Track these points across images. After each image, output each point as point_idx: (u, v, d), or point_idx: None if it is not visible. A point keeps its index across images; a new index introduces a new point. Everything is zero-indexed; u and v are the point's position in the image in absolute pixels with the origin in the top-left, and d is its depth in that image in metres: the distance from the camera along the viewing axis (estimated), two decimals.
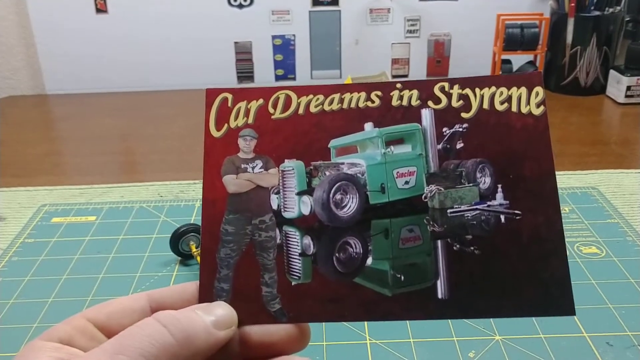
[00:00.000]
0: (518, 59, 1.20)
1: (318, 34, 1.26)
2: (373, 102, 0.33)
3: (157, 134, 1.05)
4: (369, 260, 0.32)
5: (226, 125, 0.34)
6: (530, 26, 1.17)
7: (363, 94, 0.33)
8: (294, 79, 1.29)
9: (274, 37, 1.26)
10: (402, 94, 0.33)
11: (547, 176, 0.31)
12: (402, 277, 0.32)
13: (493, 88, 0.32)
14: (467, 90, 0.32)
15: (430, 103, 0.32)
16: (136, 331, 0.28)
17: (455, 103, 0.32)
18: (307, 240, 0.33)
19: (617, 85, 1.11)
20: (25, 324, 0.55)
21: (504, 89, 0.32)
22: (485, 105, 0.32)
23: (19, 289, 0.60)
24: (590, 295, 0.57)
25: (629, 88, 1.09)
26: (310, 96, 0.33)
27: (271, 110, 0.34)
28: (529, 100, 0.32)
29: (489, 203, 0.31)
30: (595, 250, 0.64)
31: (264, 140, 0.34)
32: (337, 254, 0.33)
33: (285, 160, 0.33)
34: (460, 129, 0.32)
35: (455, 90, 0.32)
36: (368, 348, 0.51)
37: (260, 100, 0.34)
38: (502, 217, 0.31)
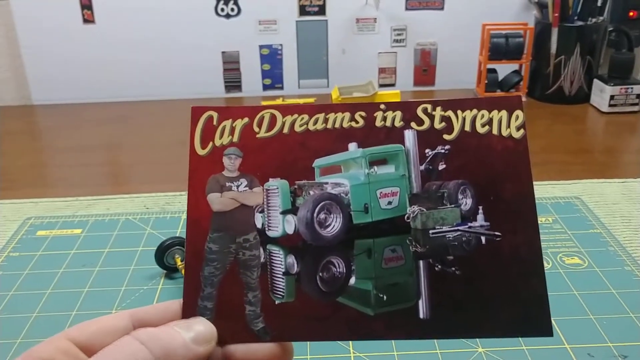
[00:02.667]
0: (503, 68, 1.21)
1: (305, 43, 1.27)
2: (357, 122, 0.33)
3: (144, 145, 1.05)
4: (352, 280, 0.33)
5: (211, 143, 0.34)
6: (515, 36, 1.19)
7: (347, 114, 0.33)
8: (282, 88, 1.29)
9: (261, 46, 1.27)
10: (385, 114, 0.33)
11: (527, 197, 0.31)
12: (385, 297, 0.32)
13: (475, 111, 0.32)
14: (450, 112, 0.33)
15: (413, 124, 0.33)
16: (115, 349, 0.28)
17: (437, 125, 0.33)
18: (291, 259, 0.33)
19: (601, 94, 1.12)
20: (9, 339, 0.55)
21: (485, 112, 0.32)
22: (467, 128, 0.32)
23: (3, 303, 0.60)
24: (572, 306, 0.57)
25: (612, 97, 1.10)
26: (295, 115, 0.34)
27: (256, 129, 0.34)
28: (509, 124, 0.32)
29: (470, 224, 0.32)
30: (577, 261, 0.65)
31: (249, 159, 0.34)
32: (320, 273, 0.33)
33: (270, 179, 0.34)
34: (443, 151, 0.33)
35: (438, 112, 0.33)
36: None
37: (246, 119, 0.34)
38: (483, 238, 0.32)
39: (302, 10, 1.25)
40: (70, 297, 0.61)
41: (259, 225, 0.34)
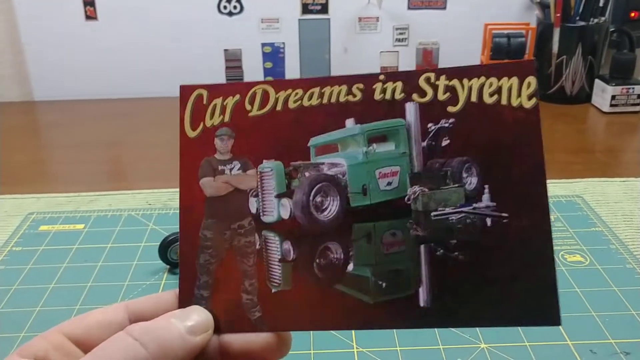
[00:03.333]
0: None
1: (307, 41, 1.27)
2: (355, 96, 0.31)
3: (146, 142, 1.05)
4: (350, 266, 0.31)
5: (202, 124, 0.32)
6: (517, 35, 1.19)
7: (344, 87, 0.31)
8: None
9: (263, 44, 1.27)
10: (385, 86, 0.31)
11: (537, 175, 0.29)
12: (384, 285, 0.31)
13: (482, 78, 0.30)
14: (455, 82, 0.30)
15: (415, 96, 0.30)
16: (109, 346, 0.28)
17: (441, 96, 0.30)
18: (287, 245, 0.32)
19: (602, 94, 1.12)
20: (12, 334, 0.55)
21: (493, 80, 0.30)
22: (474, 98, 0.30)
23: (5, 298, 0.60)
24: (575, 303, 0.58)
25: (613, 97, 1.10)
26: (289, 91, 0.32)
27: (248, 106, 0.32)
28: (520, 92, 0.30)
29: (474, 205, 0.30)
30: (579, 259, 0.65)
31: (241, 140, 0.32)
32: (317, 260, 0.32)
33: (264, 161, 0.32)
34: (446, 125, 0.30)
35: (442, 82, 0.30)
36: (355, 356, 0.51)
37: (237, 96, 0.32)
38: (489, 220, 0.29)
39: (305, 9, 1.25)
40: (73, 292, 0.61)
41: (253, 211, 0.32)
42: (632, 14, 1.23)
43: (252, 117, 0.32)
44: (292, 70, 1.28)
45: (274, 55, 1.28)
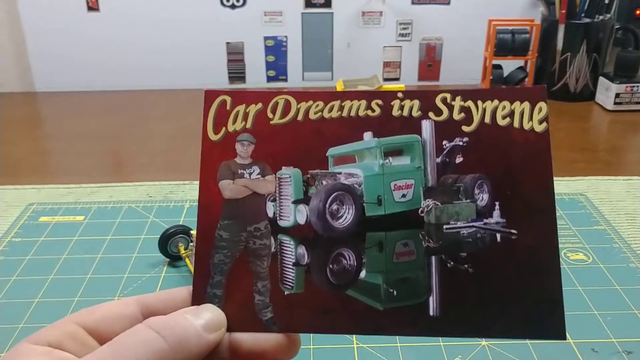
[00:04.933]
0: (509, 65, 1.21)
1: (310, 35, 1.27)
2: (373, 110, 0.32)
3: (147, 134, 1.04)
4: (363, 273, 0.32)
5: (224, 128, 0.33)
6: (521, 32, 1.18)
7: (363, 102, 0.32)
8: (286, 80, 1.29)
9: (266, 38, 1.26)
10: (402, 103, 0.32)
11: (546, 195, 0.30)
12: (395, 292, 0.31)
13: (496, 101, 0.31)
14: (469, 103, 0.31)
15: (431, 114, 0.32)
16: (129, 337, 0.28)
17: (456, 115, 0.31)
18: (302, 250, 0.33)
19: (606, 92, 1.12)
20: (11, 324, 0.55)
21: (506, 103, 0.31)
22: (487, 119, 0.31)
23: (5, 288, 0.60)
24: (577, 301, 0.57)
25: (617, 95, 1.10)
26: (310, 102, 0.33)
27: (270, 115, 0.33)
28: (532, 116, 0.31)
29: (485, 220, 0.31)
30: (582, 257, 0.64)
31: (262, 146, 0.33)
32: (330, 265, 0.32)
33: (283, 167, 0.33)
34: (461, 143, 0.31)
35: (457, 102, 0.31)
36: (355, 352, 0.51)
37: (259, 105, 0.33)
38: (498, 236, 0.30)
39: (308, 2, 1.24)
40: (72, 284, 0.60)
41: (270, 215, 0.33)
42: (638, 12, 1.22)
43: (274, 125, 0.33)
44: (295, 64, 1.28)
45: (276, 48, 1.27)
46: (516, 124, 0.31)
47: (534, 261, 0.30)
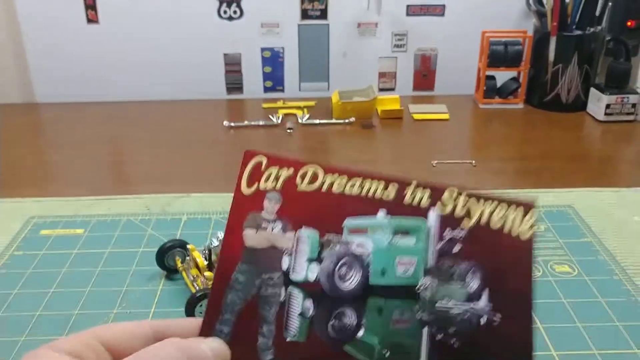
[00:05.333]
0: (502, 75, 1.23)
1: (307, 46, 1.28)
2: (389, 194, 0.37)
3: (145, 145, 1.06)
4: (361, 332, 0.35)
5: (256, 184, 0.38)
6: (514, 43, 1.20)
7: (382, 183, 0.37)
8: (283, 90, 1.31)
9: (263, 49, 1.28)
10: (415, 190, 0.36)
11: (525, 294, 0.34)
12: (388, 354, 0.35)
13: (493, 205, 0.35)
14: (472, 201, 0.36)
15: (438, 205, 0.36)
16: (153, 353, 0.30)
17: (459, 211, 0.36)
18: (309, 303, 0.36)
19: (597, 102, 1.14)
20: (12, 337, 0.56)
21: (502, 208, 0.35)
22: (483, 220, 0.35)
23: (7, 301, 0.62)
24: (561, 313, 0.59)
25: (608, 106, 1.11)
26: (336, 175, 0.37)
27: (298, 181, 0.38)
28: (522, 223, 0.35)
29: (473, 304, 0.35)
30: (567, 269, 0.66)
31: (287, 206, 0.37)
32: (332, 321, 0.36)
33: (303, 227, 0.37)
34: (459, 235, 0.35)
35: (461, 199, 0.36)
36: None
37: (291, 170, 0.38)
38: (483, 319, 0.34)
39: (304, 14, 1.26)
40: (72, 297, 0.62)
41: (284, 267, 0.37)
42: (629, 23, 1.24)
43: (300, 191, 0.38)
44: (291, 74, 1.30)
45: (273, 59, 1.29)
46: (506, 229, 0.35)
47: (511, 344, 0.34)
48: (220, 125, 1.11)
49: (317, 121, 1.14)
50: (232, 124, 1.12)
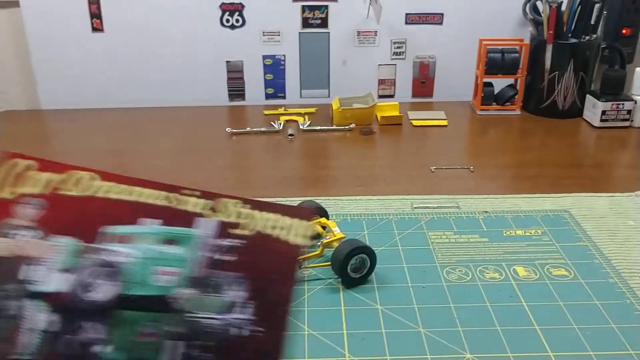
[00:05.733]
0: (499, 82, 1.25)
1: (307, 54, 1.30)
2: (163, 202, 0.35)
3: (150, 151, 1.08)
4: (104, 348, 0.33)
5: (10, 189, 0.35)
6: (511, 51, 1.22)
7: (157, 192, 0.36)
8: (284, 97, 1.33)
9: (264, 57, 1.30)
10: (189, 199, 0.35)
11: (285, 304, 0.34)
12: None
13: (273, 214, 0.35)
14: (247, 211, 0.35)
15: (211, 213, 0.35)
16: None
17: (234, 218, 0.35)
18: (53, 316, 0.33)
19: (593, 109, 1.16)
20: None
21: (282, 217, 0.35)
22: (262, 227, 0.35)
23: None
24: (557, 316, 0.61)
25: (604, 112, 1.13)
26: (112, 183, 0.36)
27: (70, 187, 0.36)
28: (297, 231, 0.35)
29: (227, 315, 0.34)
30: (564, 272, 0.68)
31: (51, 213, 0.35)
32: (76, 336, 0.33)
33: (60, 236, 0.34)
34: (232, 244, 0.35)
35: (238, 208, 0.35)
36: None
37: (63, 175, 0.36)
38: (235, 330, 0.33)
39: (305, 23, 1.28)
40: None
41: (25, 277, 0.34)
42: (624, 31, 1.26)
43: (68, 196, 0.36)
44: (293, 81, 1.32)
45: (274, 67, 1.31)
46: (283, 236, 0.35)
47: (260, 357, 0.33)
48: (222, 132, 1.13)
49: (318, 127, 1.16)
50: (235, 131, 1.13)
